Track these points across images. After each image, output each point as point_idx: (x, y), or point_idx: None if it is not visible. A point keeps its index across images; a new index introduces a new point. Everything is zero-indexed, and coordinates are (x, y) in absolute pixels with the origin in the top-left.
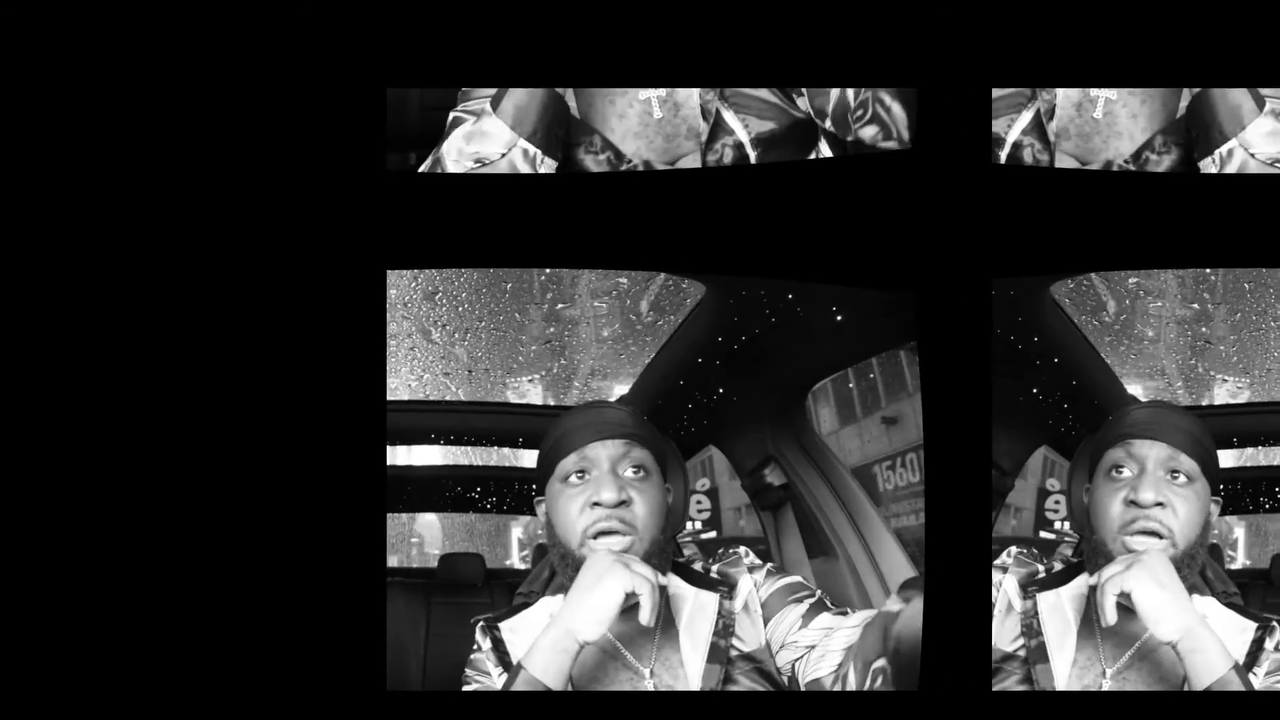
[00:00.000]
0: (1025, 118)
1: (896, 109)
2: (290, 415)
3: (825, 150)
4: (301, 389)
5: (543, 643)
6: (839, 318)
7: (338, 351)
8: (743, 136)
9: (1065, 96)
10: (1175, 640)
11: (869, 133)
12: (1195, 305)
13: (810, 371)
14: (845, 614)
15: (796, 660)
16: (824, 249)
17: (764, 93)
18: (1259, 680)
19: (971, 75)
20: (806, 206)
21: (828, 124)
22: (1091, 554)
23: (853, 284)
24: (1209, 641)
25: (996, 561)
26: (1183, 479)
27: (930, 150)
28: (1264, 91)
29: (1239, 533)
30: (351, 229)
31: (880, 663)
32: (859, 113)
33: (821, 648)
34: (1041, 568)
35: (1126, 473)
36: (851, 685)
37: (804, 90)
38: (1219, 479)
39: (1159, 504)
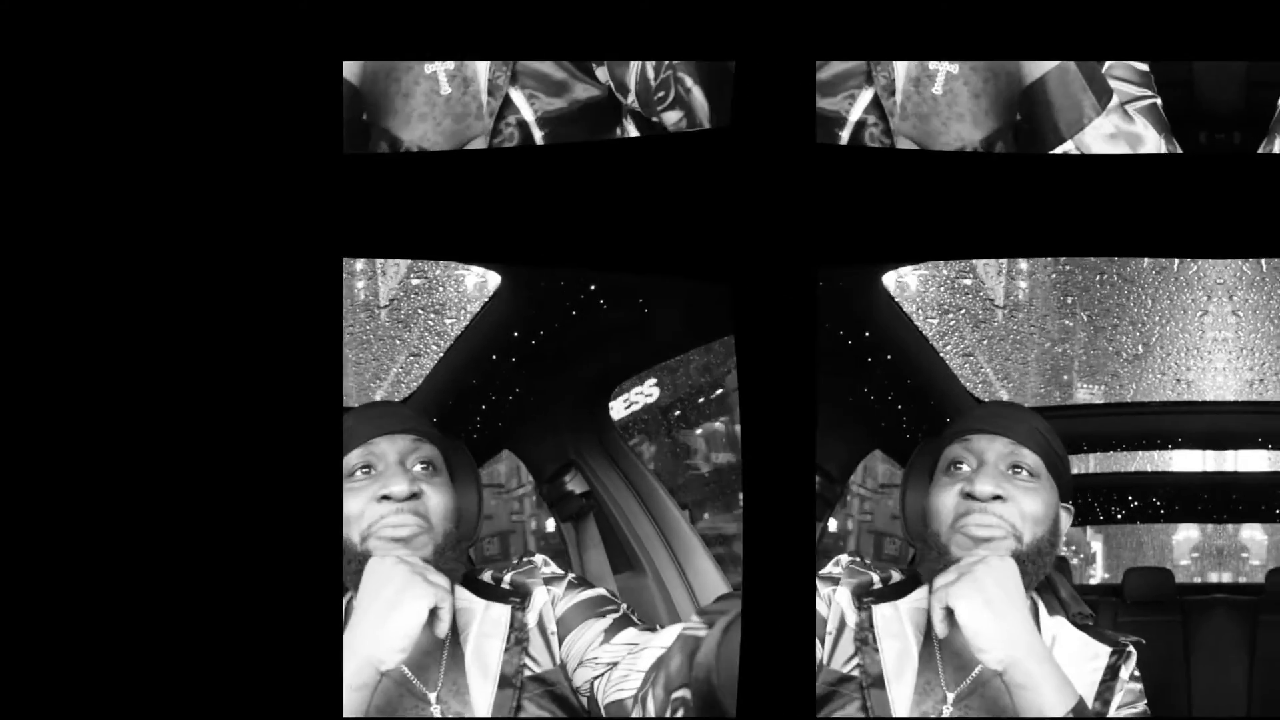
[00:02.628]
0: (866, 96)
1: (696, 93)
2: (238, 409)
3: (631, 129)
4: (250, 382)
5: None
6: (647, 311)
7: (289, 342)
8: (528, 115)
9: (903, 71)
10: (1000, 671)
11: (672, 118)
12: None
13: (615, 369)
14: (654, 630)
15: (596, 679)
16: (632, 236)
17: (551, 68)
18: (1113, 711)
19: (794, 47)
20: (614, 189)
21: (631, 100)
22: (924, 553)
23: (663, 274)
24: (1041, 678)
25: (824, 571)
26: (1025, 474)
27: (749, 129)
28: (1113, 74)
29: (1097, 546)
30: (306, 212)
31: (682, 693)
32: (660, 94)
33: (625, 666)
34: (877, 577)
35: (965, 468)
36: (651, 713)
37: (603, 62)
38: (1069, 485)
39: (997, 497)
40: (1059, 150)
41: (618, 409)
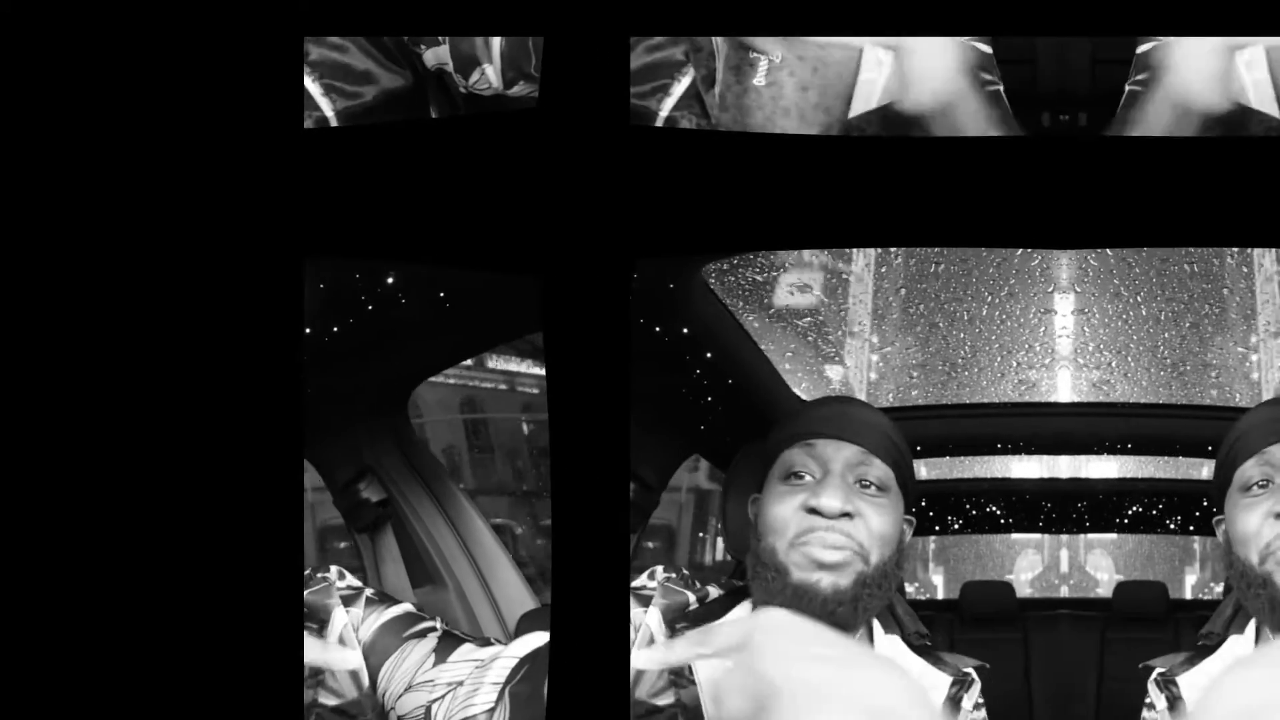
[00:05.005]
0: (680, 87)
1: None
2: (189, 411)
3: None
4: (202, 391)
5: None
6: (448, 305)
7: (245, 352)
8: (327, 111)
9: (723, 59)
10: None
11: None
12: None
13: (415, 368)
14: (491, 643)
15: (434, 701)
16: (431, 224)
17: (356, 56)
18: None
19: (607, 21)
20: (411, 173)
21: (480, 75)
22: (757, 570)
23: (465, 266)
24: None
25: (636, 584)
26: (874, 488)
27: (558, 109)
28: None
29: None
30: (265, 207)
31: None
32: None
33: (473, 681)
34: (693, 596)
35: (808, 478)
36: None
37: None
38: (913, 495)
39: (846, 514)
40: None
41: None
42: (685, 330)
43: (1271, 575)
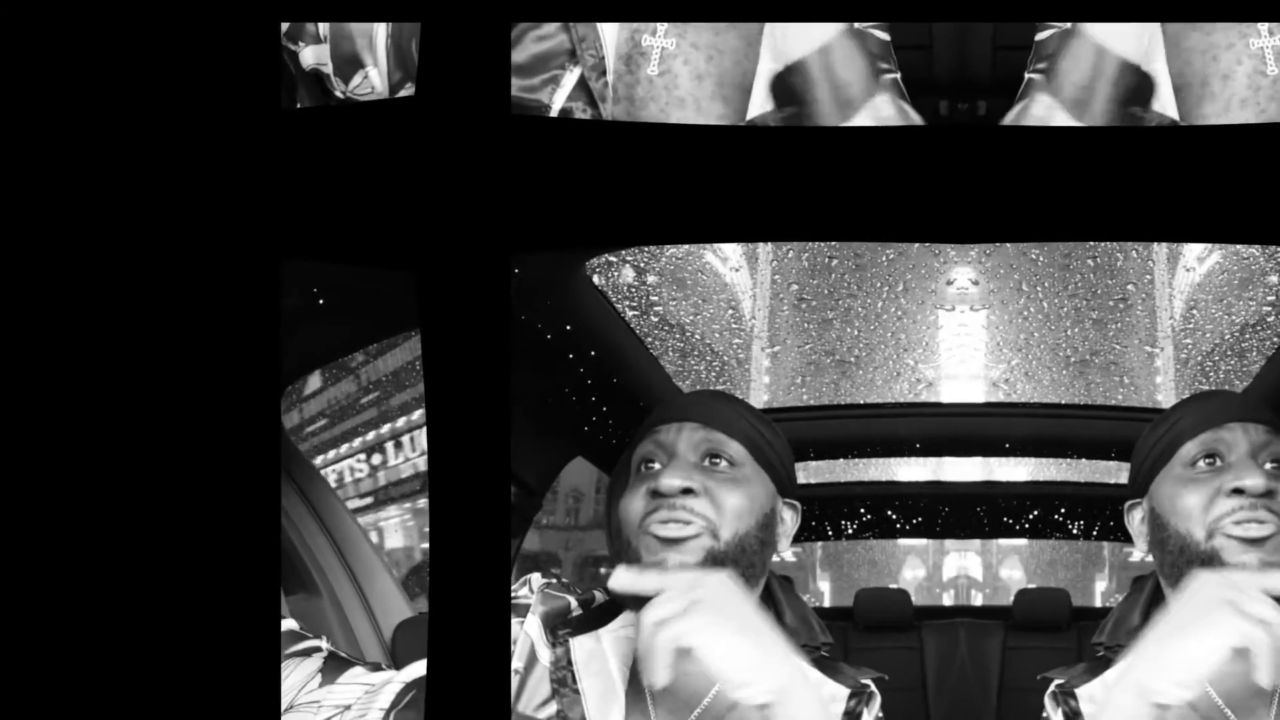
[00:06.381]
0: (571, 78)
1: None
2: (161, 413)
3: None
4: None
5: None
6: (321, 301)
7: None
8: None
9: (614, 48)
10: (764, 704)
11: None
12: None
13: (287, 366)
14: (382, 668)
15: None
16: (304, 217)
17: None
18: None
19: (486, 6)
20: (280, 163)
21: (363, 78)
22: (619, 566)
23: (339, 260)
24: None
25: (515, 587)
26: (724, 463)
27: (436, 98)
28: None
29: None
30: (240, 205)
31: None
32: None
33: (361, 706)
34: (574, 601)
35: (656, 465)
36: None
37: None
38: (791, 480)
39: (687, 490)
40: None
41: None
42: (568, 328)
43: (1219, 549)
